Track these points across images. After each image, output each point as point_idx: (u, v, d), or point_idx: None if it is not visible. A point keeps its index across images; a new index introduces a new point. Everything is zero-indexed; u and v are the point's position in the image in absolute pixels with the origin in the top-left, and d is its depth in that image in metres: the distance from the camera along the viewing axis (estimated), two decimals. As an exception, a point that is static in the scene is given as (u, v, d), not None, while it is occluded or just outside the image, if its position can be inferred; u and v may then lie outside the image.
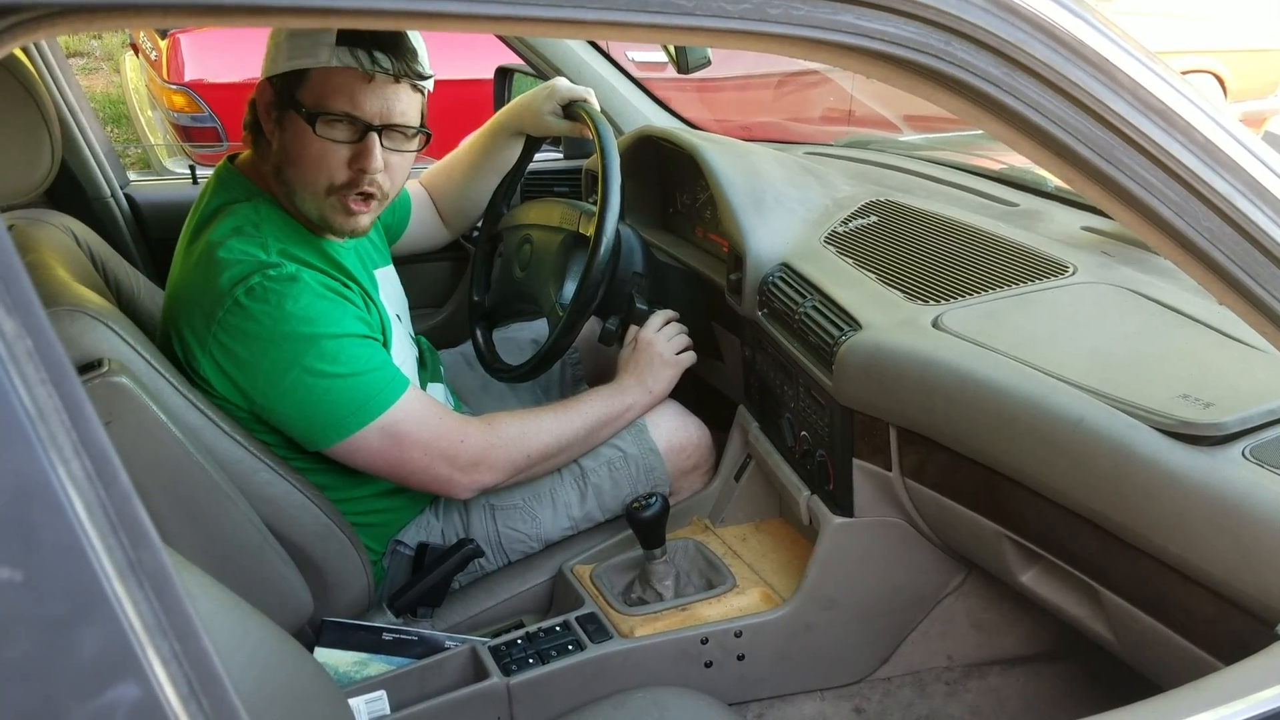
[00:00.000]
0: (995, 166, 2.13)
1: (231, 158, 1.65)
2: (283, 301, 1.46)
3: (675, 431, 1.90)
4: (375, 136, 1.53)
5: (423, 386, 1.80)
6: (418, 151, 1.63)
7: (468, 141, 2.12)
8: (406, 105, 1.56)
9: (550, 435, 1.72)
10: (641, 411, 1.86)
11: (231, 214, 1.55)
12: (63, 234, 1.66)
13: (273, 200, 1.58)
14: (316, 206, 1.57)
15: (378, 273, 1.74)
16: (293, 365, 1.48)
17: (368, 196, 1.57)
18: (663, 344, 1.87)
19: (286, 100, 1.53)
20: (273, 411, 1.52)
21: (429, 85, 1.60)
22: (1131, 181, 0.76)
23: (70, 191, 2.12)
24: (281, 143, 1.55)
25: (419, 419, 1.58)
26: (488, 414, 1.71)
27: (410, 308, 2.43)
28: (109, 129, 6.11)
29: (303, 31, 1.48)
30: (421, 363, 1.87)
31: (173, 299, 1.58)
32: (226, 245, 1.50)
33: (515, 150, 2.08)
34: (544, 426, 1.71)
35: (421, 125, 1.60)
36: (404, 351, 1.73)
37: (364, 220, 1.60)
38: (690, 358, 1.92)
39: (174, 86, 4.04)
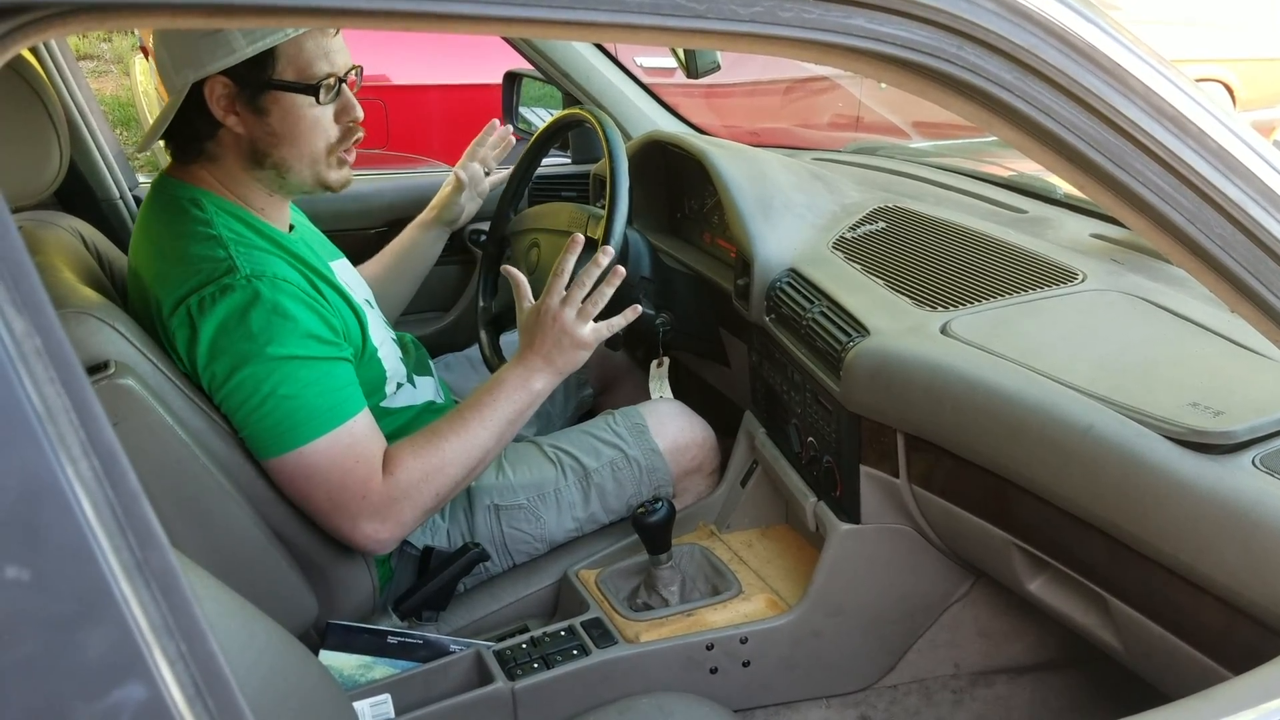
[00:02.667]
0: (1004, 173, 2.13)
1: (166, 173, 1.61)
2: (231, 315, 1.43)
3: (680, 432, 1.90)
4: (347, 87, 1.58)
5: (409, 379, 1.78)
6: None
7: (388, 246, 2.16)
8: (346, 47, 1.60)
9: (458, 465, 1.56)
10: (548, 393, 1.65)
11: (185, 219, 1.51)
12: (70, 236, 1.66)
13: (219, 198, 1.55)
14: (313, 174, 1.58)
15: (333, 264, 1.70)
16: (228, 378, 1.44)
17: (354, 142, 1.62)
18: (570, 318, 1.61)
19: (260, 84, 1.50)
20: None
21: None
22: (1143, 187, 0.75)
23: (80, 193, 2.13)
24: (264, 128, 1.53)
25: (331, 462, 1.48)
26: (390, 453, 1.54)
27: (417, 312, 2.44)
28: (119, 131, 6.13)
29: None
30: (404, 350, 1.84)
31: (134, 309, 1.55)
32: (183, 255, 1.47)
33: (438, 247, 2.15)
34: (449, 459, 1.55)
35: None
36: (381, 333, 1.71)
37: (350, 169, 1.64)
38: (609, 327, 1.66)
39: (183, 89, 4.04)
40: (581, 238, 1.66)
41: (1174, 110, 0.75)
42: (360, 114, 1.60)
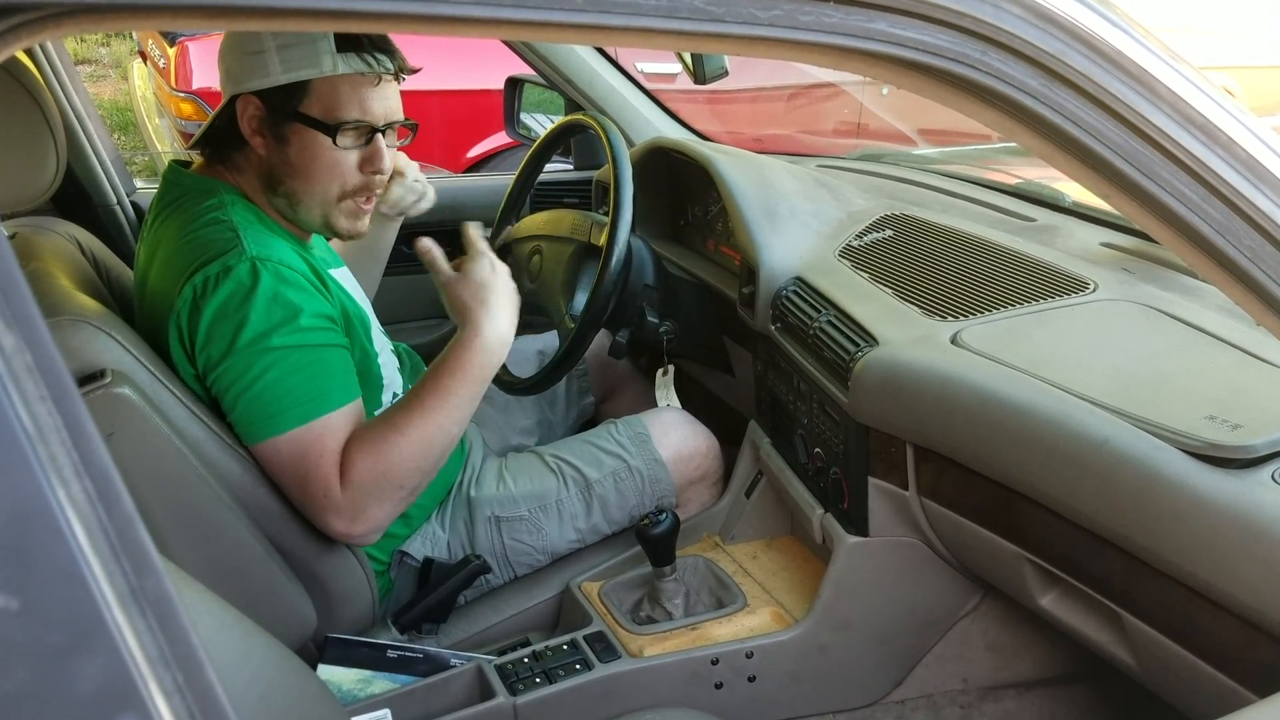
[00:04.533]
0: (1011, 180, 2.11)
1: (177, 164, 1.61)
2: (232, 299, 1.42)
3: (683, 441, 1.88)
4: (381, 138, 1.56)
5: (405, 390, 1.75)
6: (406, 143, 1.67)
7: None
8: (398, 100, 1.58)
9: (420, 456, 1.49)
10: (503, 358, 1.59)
11: (197, 206, 1.51)
12: (66, 242, 1.64)
13: (237, 193, 1.55)
14: (323, 214, 1.58)
15: (334, 272, 1.68)
16: (222, 359, 1.43)
17: (372, 196, 1.60)
18: (505, 284, 1.60)
19: (286, 113, 1.50)
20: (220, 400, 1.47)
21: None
22: (1171, 197, 0.73)
23: (77, 198, 2.11)
24: (282, 156, 1.53)
25: (300, 455, 1.45)
26: (344, 454, 1.47)
27: (418, 319, 2.42)
28: (116, 136, 6.11)
29: (297, 41, 1.46)
30: (400, 360, 1.81)
31: (139, 296, 1.56)
32: (192, 237, 1.47)
33: (388, 236, 2.01)
34: (408, 454, 1.48)
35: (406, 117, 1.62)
36: (381, 340, 1.70)
37: (366, 220, 1.62)
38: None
39: (182, 94, 4.04)
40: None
41: (1203, 118, 0.73)
42: (387, 167, 1.58)
